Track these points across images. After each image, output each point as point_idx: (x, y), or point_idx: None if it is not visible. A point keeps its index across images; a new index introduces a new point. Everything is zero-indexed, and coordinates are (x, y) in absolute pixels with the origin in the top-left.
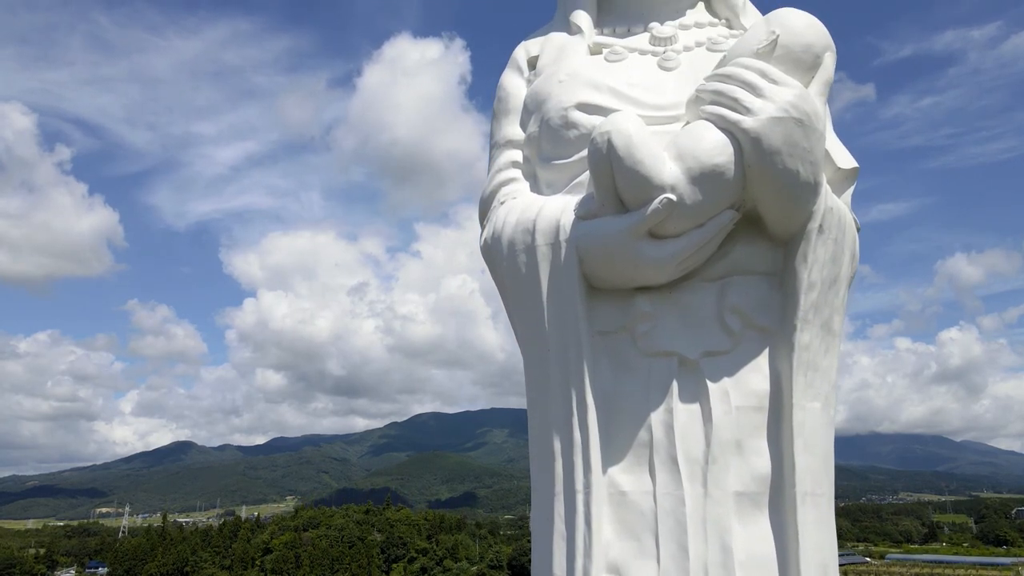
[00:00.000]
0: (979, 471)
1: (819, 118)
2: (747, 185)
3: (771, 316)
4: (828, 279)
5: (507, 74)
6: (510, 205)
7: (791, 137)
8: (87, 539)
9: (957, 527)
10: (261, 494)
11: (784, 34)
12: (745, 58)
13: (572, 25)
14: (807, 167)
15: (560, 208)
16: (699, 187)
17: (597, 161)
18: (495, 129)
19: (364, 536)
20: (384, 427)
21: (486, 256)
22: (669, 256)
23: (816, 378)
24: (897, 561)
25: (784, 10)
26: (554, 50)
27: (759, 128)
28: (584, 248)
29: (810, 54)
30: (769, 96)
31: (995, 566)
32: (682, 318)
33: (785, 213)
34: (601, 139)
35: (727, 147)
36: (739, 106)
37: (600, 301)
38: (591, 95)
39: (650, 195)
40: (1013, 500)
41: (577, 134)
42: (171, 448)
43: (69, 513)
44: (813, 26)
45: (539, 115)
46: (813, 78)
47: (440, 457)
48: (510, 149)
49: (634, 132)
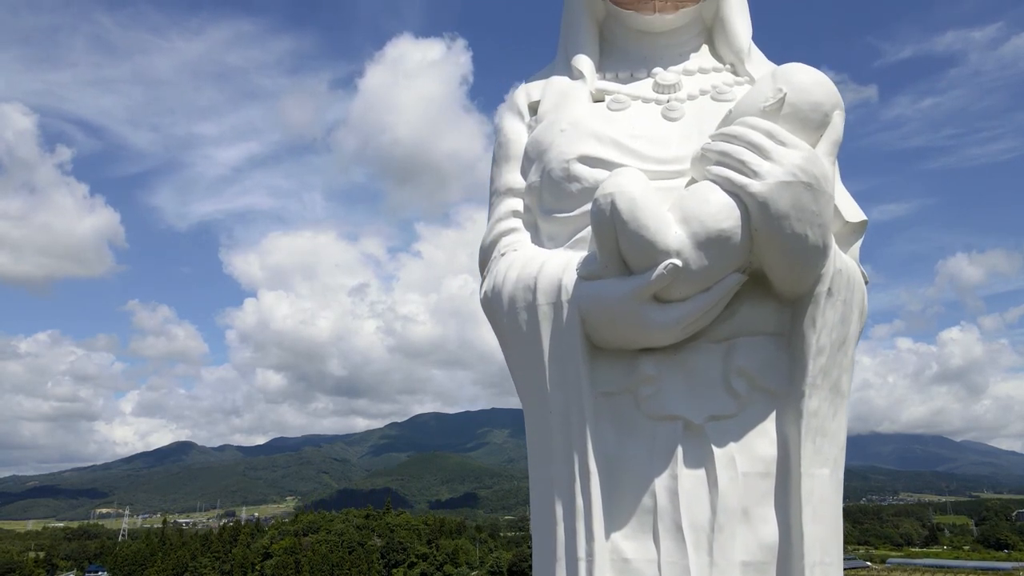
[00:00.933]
0: (979, 471)
1: (828, 180)
2: (754, 248)
3: (778, 378)
4: (837, 341)
5: (507, 118)
6: (511, 258)
7: (800, 201)
8: (87, 542)
9: (958, 528)
10: (261, 494)
11: (791, 92)
12: (752, 117)
13: (574, 70)
14: (816, 231)
15: (562, 266)
16: (705, 252)
17: (600, 223)
18: (495, 175)
19: (364, 541)
20: (384, 427)
21: (486, 309)
22: (674, 321)
23: (825, 443)
24: (898, 566)
25: (791, 66)
26: (555, 96)
27: (767, 193)
28: (586, 310)
29: (818, 113)
30: (777, 159)
31: (996, 571)
32: (687, 380)
33: (793, 276)
34: (605, 201)
35: (734, 211)
36: (746, 168)
37: (603, 361)
38: (594, 147)
39: (655, 260)
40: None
41: (579, 187)
42: (171, 448)
43: (69, 514)
44: (821, 84)
45: (540, 165)
46: (821, 137)
47: (440, 457)
48: (511, 198)
49: (638, 194)
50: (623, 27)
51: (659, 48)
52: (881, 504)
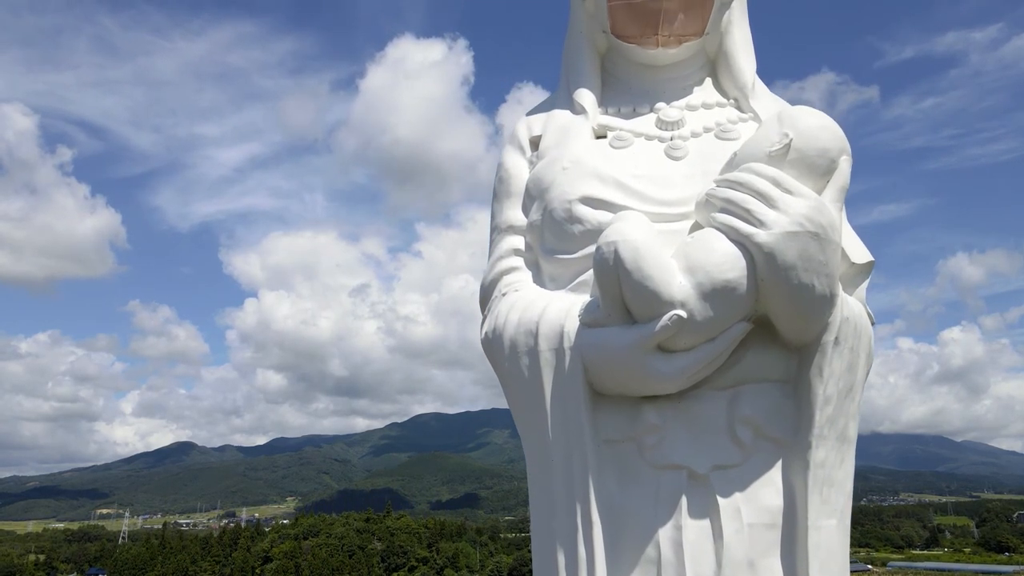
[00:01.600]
0: (980, 471)
1: (835, 229)
2: (760, 297)
3: (784, 426)
4: (844, 390)
5: (508, 152)
6: (512, 300)
7: (806, 251)
8: (87, 544)
9: (958, 530)
10: (262, 495)
11: (798, 137)
12: (758, 164)
13: (576, 104)
14: (823, 280)
15: (564, 311)
16: (710, 303)
17: (603, 272)
18: (496, 211)
19: (364, 545)
20: (385, 427)
21: (487, 350)
22: (678, 371)
23: (832, 493)
24: (899, 569)
25: (798, 110)
26: (557, 131)
27: (773, 243)
28: (589, 358)
29: (825, 159)
30: (783, 208)
31: (997, 574)
32: (691, 429)
33: (800, 325)
34: (608, 249)
35: (739, 261)
36: (752, 217)
37: (606, 408)
38: (596, 188)
39: (659, 311)
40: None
41: (582, 229)
42: (172, 449)
43: (70, 514)
44: (828, 128)
45: (542, 203)
46: (828, 183)
47: (441, 458)
48: (512, 235)
49: (642, 244)
50: (625, 60)
51: (662, 82)
52: (882, 504)
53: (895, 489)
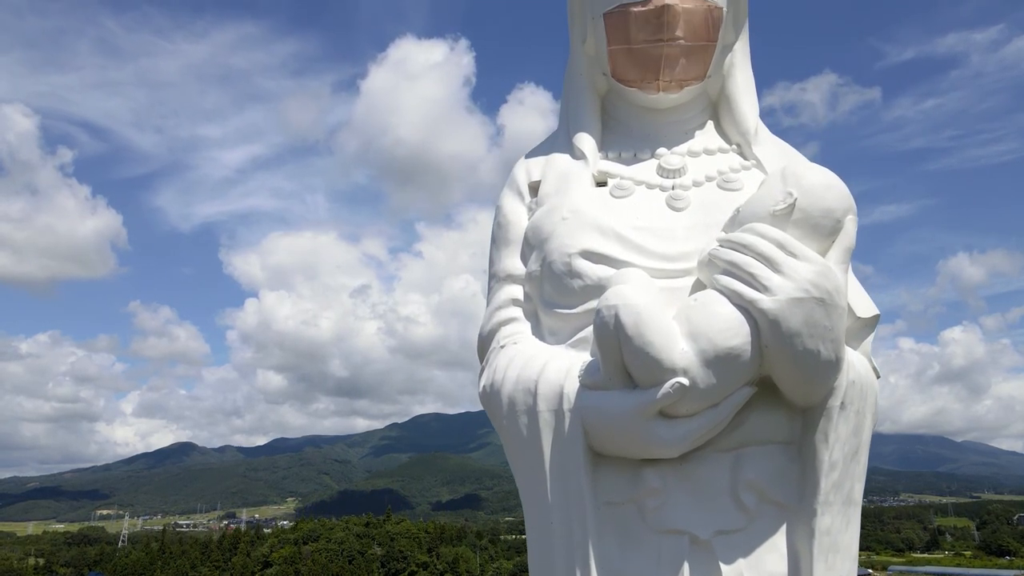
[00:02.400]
0: (980, 472)
1: (841, 293)
2: (764, 362)
3: (788, 491)
4: (850, 453)
5: (507, 198)
6: (510, 354)
7: (812, 317)
8: (86, 548)
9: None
10: (262, 496)
11: (802, 196)
12: (762, 225)
13: (576, 149)
14: (828, 346)
15: (564, 371)
16: (713, 370)
17: (604, 336)
18: (494, 258)
19: (364, 550)
20: (385, 428)
21: (485, 403)
22: (680, 437)
23: (837, 559)
24: (900, 573)
25: (803, 168)
26: (557, 177)
27: (778, 310)
28: (589, 421)
29: (830, 219)
30: (788, 273)
31: None
32: (693, 493)
33: (805, 390)
34: (608, 313)
35: (743, 327)
36: (756, 282)
37: (606, 469)
38: (596, 242)
39: (661, 378)
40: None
41: (582, 284)
42: (172, 449)
43: (70, 515)
44: (833, 188)
45: (541, 253)
46: (833, 243)
47: (441, 458)
48: (510, 284)
49: (644, 309)
50: (626, 103)
51: (663, 125)
52: (882, 505)
53: (895, 489)
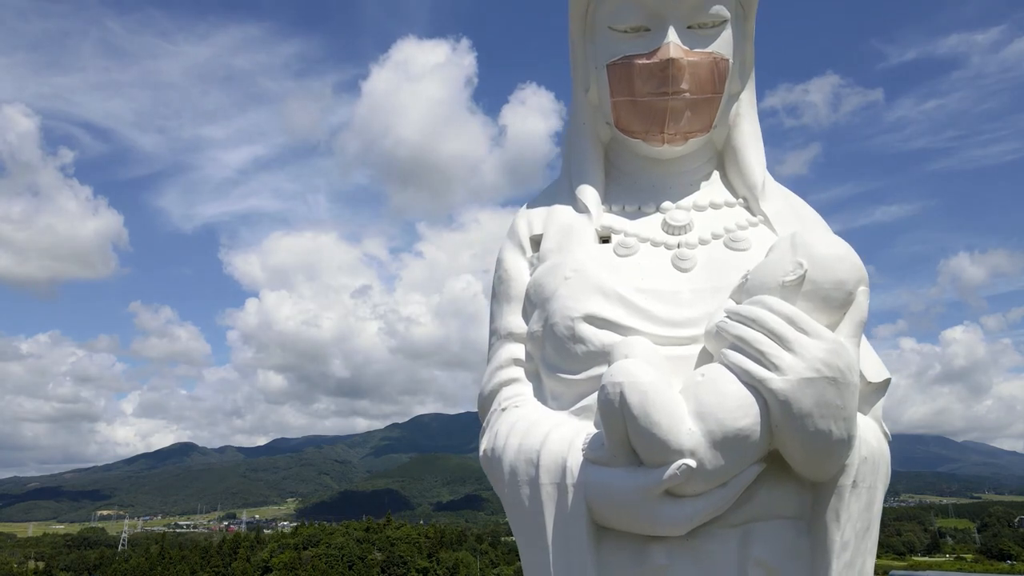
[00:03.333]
0: (981, 472)
1: (854, 371)
2: (774, 440)
3: (798, 567)
4: (861, 530)
5: (508, 251)
6: (512, 419)
7: (823, 397)
8: (86, 551)
9: (960, 534)
10: (262, 496)
11: (812, 268)
12: (771, 298)
13: (579, 202)
14: (840, 425)
15: (567, 442)
16: (721, 451)
17: (609, 413)
18: (495, 314)
19: (364, 555)
20: (385, 428)
21: (486, 468)
22: (687, 517)
23: None
24: None
25: (813, 238)
26: (559, 232)
27: (788, 391)
28: (593, 497)
29: (841, 291)
30: (799, 351)
31: None
32: (700, 569)
33: (815, 468)
34: (613, 391)
35: (752, 407)
36: (766, 360)
37: (610, 544)
38: (600, 305)
39: (667, 458)
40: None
41: (585, 350)
42: (173, 449)
43: (71, 515)
44: (845, 259)
45: (543, 314)
46: (844, 315)
47: (442, 459)
48: (511, 343)
49: (649, 387)
50: (630, 152)
51: (668, 176)
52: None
53: (896, 490)
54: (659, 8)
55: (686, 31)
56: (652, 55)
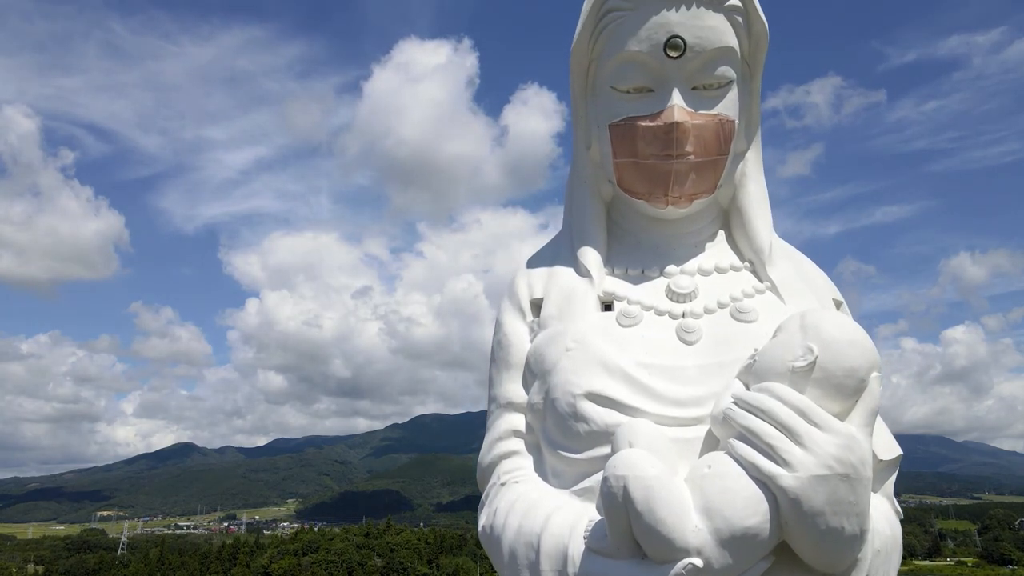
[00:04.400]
0: (981, 472)
1: (867, 464)
2: (783, 534)
3: None
4: None
5: (507, 314)
6: (511, 497)
7: (836, 495)
8: (86, 556)
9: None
10: (262, 497)
11: (823, 354)
12: (780, 386)
13: (580, 265)
14: (853, 520)
15: (569, 528)
16: (728, 549)
17: (612, 506)
18: (495, 380)
19: (364, 561)
20: (385, 428)
21: (485, 545)
22: None
23: None
24: None
25: (824, 321)
26: (560, 297)
27: (799, 488)
28: None
29: (853, 379)
30: (810, 446)
31: None
32: None
33: (826, 563)
34: (617, 484)
35: (761, 504)
36: (776, 455)
37: None
38: (603, 382)
39: (672, 556)
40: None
41: (587, 429)
42: (173, 450)
43: (71, 516)
44: (856, 344)
45: (544, 386)
46: (856, 403)
47: (442, 459)
48: (511, 413)
49: (654, 483)
50: (633, 211)
51: (672, 237)
52: None
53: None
54: (663, 70)
55: (690, 92)
56: (656, 117)
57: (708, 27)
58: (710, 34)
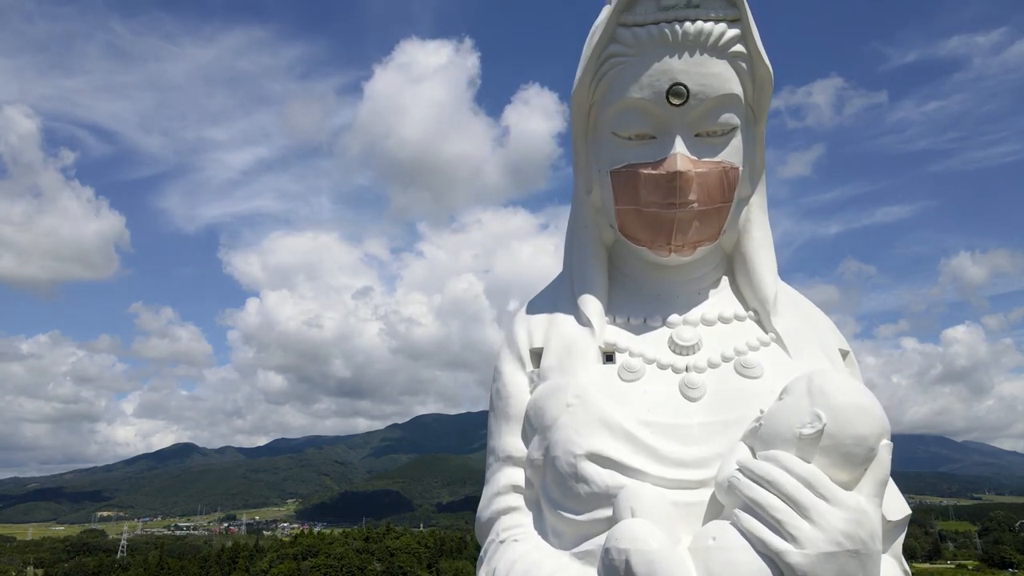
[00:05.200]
0: (981, 472)
1: (877, 538)
2: None
3: None
4: None
5: (506, 362)
6: (512, 555)
7: (844, 571)
8: (85, 559)
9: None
10: (263, 497)
11: (831, 422)
12: (787, 456)
13: (581, 314)
14: None
15: None
16: None
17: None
18: (494, 431)
19: (364, 566)
20: (386, 429)
21: None
22: None
23: None
24: None
25: (833, 387)
26: (560, 346)
27: (807, 566)
28: None
29: (863, 447)
30: (818, 520)
31: None
32: None
33: None
34: (618, 557)
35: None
36: (783, 530)
37: None
38: (604, 443)
39: None
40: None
41: (588, 491)
42: (174, 450)
43: (71, 516)
44: (865, 411)
45: (544, 442)
46: (864, 471)
47: (442, 460)
48: (510, 467)
49: (656, 556)
50: (635, 257)
51: (675, 284)
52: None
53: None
54: (666, 117)
55: (693, 139)
56: (659, 165)
57: (712, 74)
58: (713, 81)
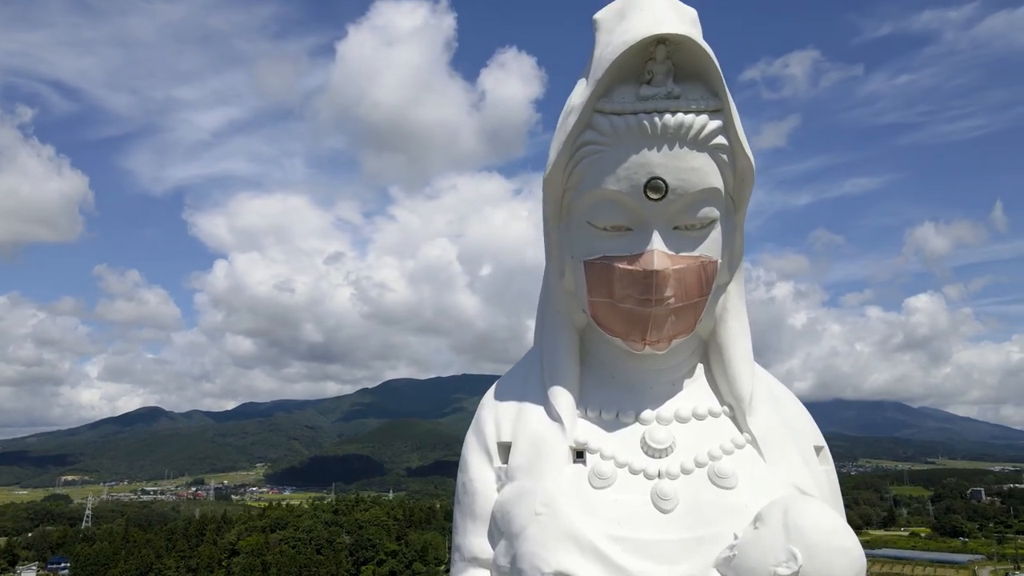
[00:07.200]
0: (936, 437)
1: None
2: None
3: None
4: None
5: (473, 454)
6: None
7: None
8: (48, 528)
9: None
10: (231, 461)
11: (808, 563)
12: None
13: (552, 408)
14: None
15: None
16: None
17: None
18: (459, 528)
19: (332, 539)
20: (356, 393)
21: None
22: None
23: None
24: None
25: (809, 524)
26: (529, 445)
27: None
28: None
29: None
30: None
31: (952, 564)
32: None
33: None
34: None
35: None
36: None
37: None
38: (573, 561)
39: None
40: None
41: None
42: (140, 414)
43: (34, 480)
44: (844, 553)
45: (511, 550)
46: None
47: (412, 424)
48: (476, 568)
49: None
50: (608, 344)
51: (648, 373)
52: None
53: (854, 455)
54: (643, 211)
55: (671, 232)
56: (635, 261)
57: (691, 168)
58: (693, 176)
